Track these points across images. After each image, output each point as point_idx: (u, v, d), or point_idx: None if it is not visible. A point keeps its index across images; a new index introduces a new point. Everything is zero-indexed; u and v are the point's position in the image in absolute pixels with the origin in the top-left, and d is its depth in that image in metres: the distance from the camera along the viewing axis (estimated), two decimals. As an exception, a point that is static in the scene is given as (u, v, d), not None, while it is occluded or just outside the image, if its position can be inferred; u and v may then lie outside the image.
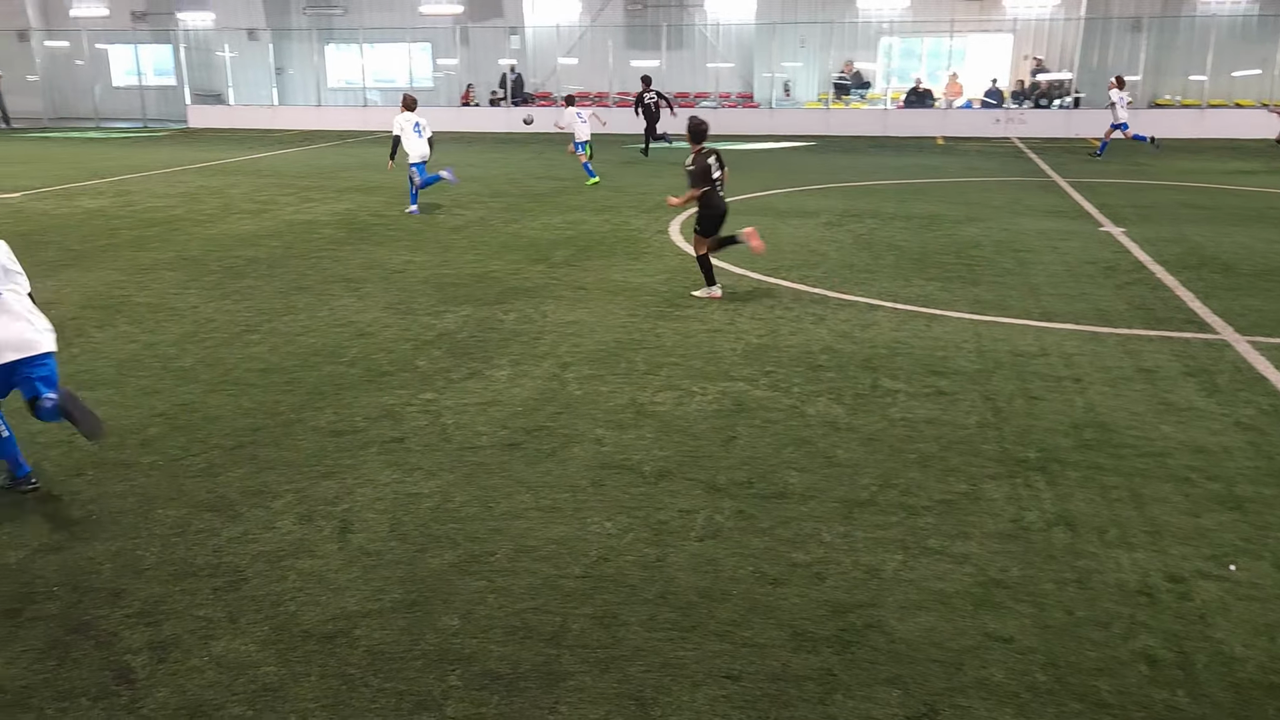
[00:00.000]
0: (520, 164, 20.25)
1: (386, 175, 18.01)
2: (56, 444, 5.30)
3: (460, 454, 5.16)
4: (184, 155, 22.32)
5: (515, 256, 10.44)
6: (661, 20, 30.86)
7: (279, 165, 20.17)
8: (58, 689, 3.23)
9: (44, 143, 26.02)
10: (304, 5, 34.42)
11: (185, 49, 33.47)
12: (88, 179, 17.68)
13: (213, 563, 4.05)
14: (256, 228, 12.35)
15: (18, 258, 4.84)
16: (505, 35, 32.21)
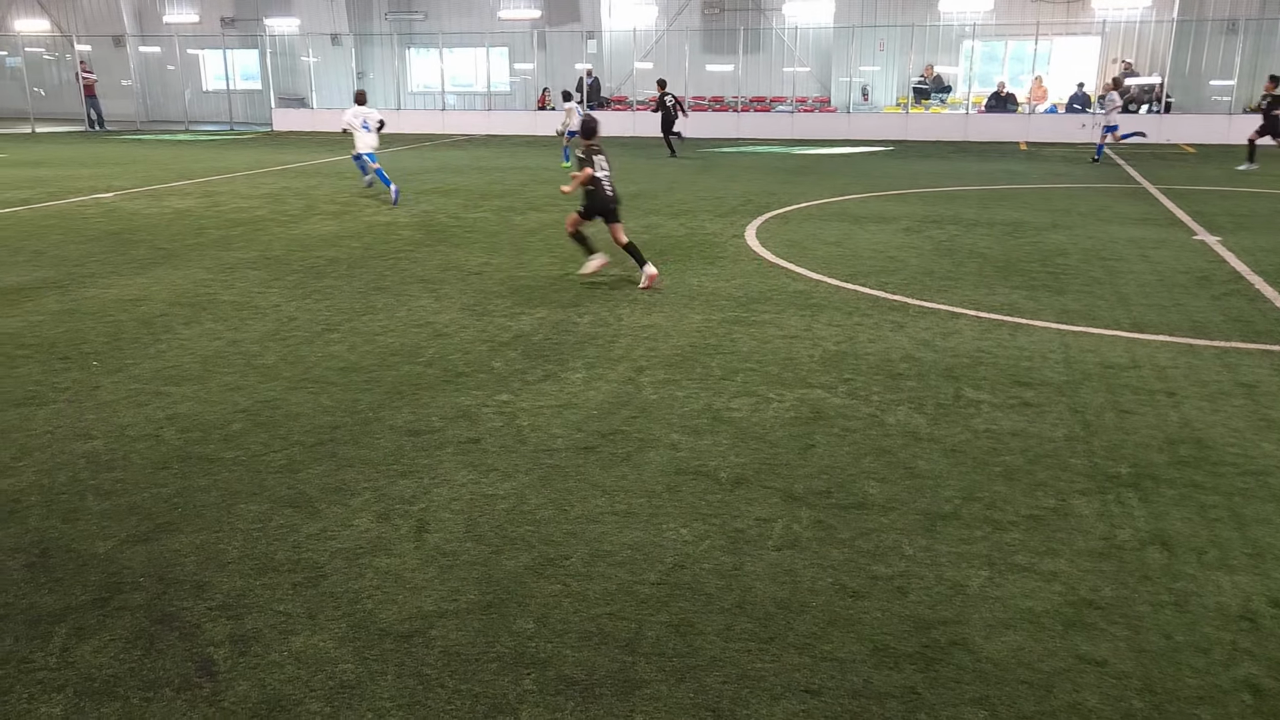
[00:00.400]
0: (595, 167, 20.31)
1: (465, 177, 18.23)
2: (144, 437, 5.43)
3: (536, 456, 5.16)
4: (268, 157, 22.90)
5: (590, 259, 10.44)
6: (738, 24, 30.74)
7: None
8: (143, 678, 3.28)
9: (136, 145, 26.91)
10: (386, 10, 35.08)
11: (271, 54, 34.33)
12: (176, 180, 18.23)
13: (293, 558, 4.09)
14: (337, 228, 12.58)
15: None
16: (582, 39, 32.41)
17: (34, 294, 8.90)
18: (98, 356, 6.98)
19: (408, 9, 35.09)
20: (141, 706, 3.14)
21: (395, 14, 35.05)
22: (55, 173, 19.32)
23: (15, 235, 12.03)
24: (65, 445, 5.32)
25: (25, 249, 11.04)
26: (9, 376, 6.50)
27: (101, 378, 6.50)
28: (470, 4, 34.16)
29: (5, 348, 7.18)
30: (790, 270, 9.92)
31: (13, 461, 5.10)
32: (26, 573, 3.97)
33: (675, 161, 21.68)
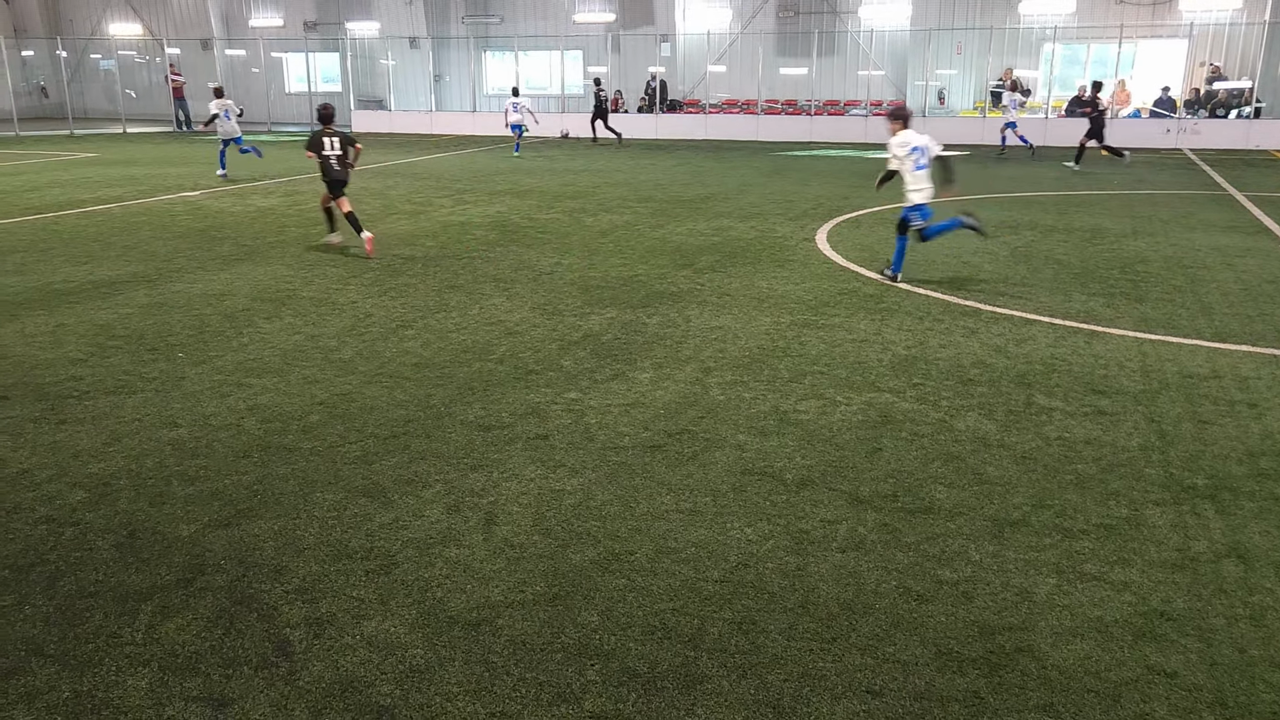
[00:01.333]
0: (667, 170, 20.40)
1: (538, 179, 18.44)
2: (226, 426, 5.62)
3: (603, 453, 5.22)
4: (348, 158, 23.40)
5: (661, 261, 10.51)
6: (813, 27, 30.55)
7: (435, 168, 20.92)
8: (223, 656, 3.42)
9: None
10: (463, 14, 35.62)
11: (351, 57, 35.11)
12: (260, 179, 18.76)
13: (366, 546, 4.21)
14: (413, 228, 12.84)
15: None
16: (655, 42, 32.52)
17: (125, 287, 9.26)
18: (184, 348, 7.24)
19: (484, 12, 35.60)
20: (221, 683, 3.27)
21: (472, 17, 35.58)
22: (145, 171, 20.03)
23: (108, 231, 12.51)
24: (153, 433, 5.54)
25: (117, 244, 11.49)
26: (101, 366, 6.79)
27: (187, 369, 6.74)
28: (546, 7, 34.52)
29: (98, 338, 7.49)
30: (861, 274, 9.85)
31: (104, 447, 5.33)
32: (116, 553, 4.16)
33: (745, 164, 21.65)
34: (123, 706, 3.14)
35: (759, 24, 32.20)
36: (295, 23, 37.51)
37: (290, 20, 37.67)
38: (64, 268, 10.18)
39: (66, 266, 10.24)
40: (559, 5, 34.36)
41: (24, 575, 3.96)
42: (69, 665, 3.36)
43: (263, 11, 38.30)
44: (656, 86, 30.84)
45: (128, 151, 25.17)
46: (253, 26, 38.29)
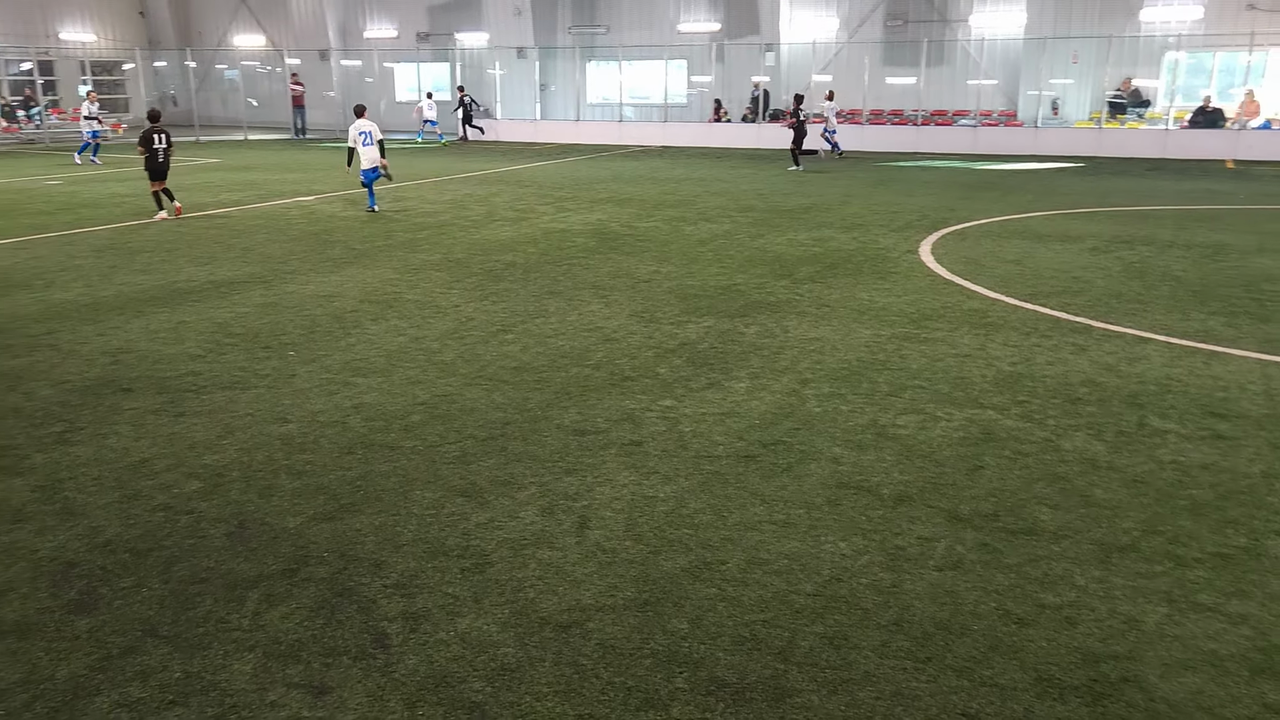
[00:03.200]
0: (769, 180, 20.29)
1: (638, 187, 18.56)
2: (332, 424, 5.80)
3: (697, 462, 5.21)
4: (453, 165, 23.97)
5: (760, 271, 10.45)
6: (921, 36, 30.01)
7: (538, 176, 21.24)
8: (324, 645, 3.52)
9: (335, 152, 28.65)
10: (569, 25, 36.11)
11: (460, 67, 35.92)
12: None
13: (462, 545, 4.29)
14: (515, 234, 13.05)
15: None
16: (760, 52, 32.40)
17: (242, 288, 9.65)
18: (294, 347, 7.50)
19: (590, 23, 36.03)
20: (322, 671, 3.37)
21: (578, 27, 36.04)
22: (264, 177, 20.84)
23: (228, 234, 13.06)
24: (264, 427, 5.76)
25: (236, 246, 11.98)
26: (218, 362, 7.08)
27: (297, 366, 6.98)
28: (651, 17, 34.75)
29: (216, 336, 7.82)
30: (965, 288, 9.62)
31: (218, 440, 5.55)
32: (226, 541, 4.33)
33: (849, 174, 21.39)
34: (229, 689, 3.26)
35: (865, 33, 31.80)
36: (408, 34, 38.57)
37: (404, 31, 38.76)
38: (186, 268, 10.65)
39: (189, 267, 10.71)
40: (664, 15, 34.54)
41: (142, 559, 4.15)
42: (180, 646, 3.51)
43: (377, 23, 39.51)
44: (760, 96, 30.71)
45: (248, 158, 26.24)
46: (367, 38, 39.53)
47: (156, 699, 3.21)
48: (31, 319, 8.37)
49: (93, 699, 3.21)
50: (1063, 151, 26.31)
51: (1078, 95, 29.96)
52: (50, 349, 7.44)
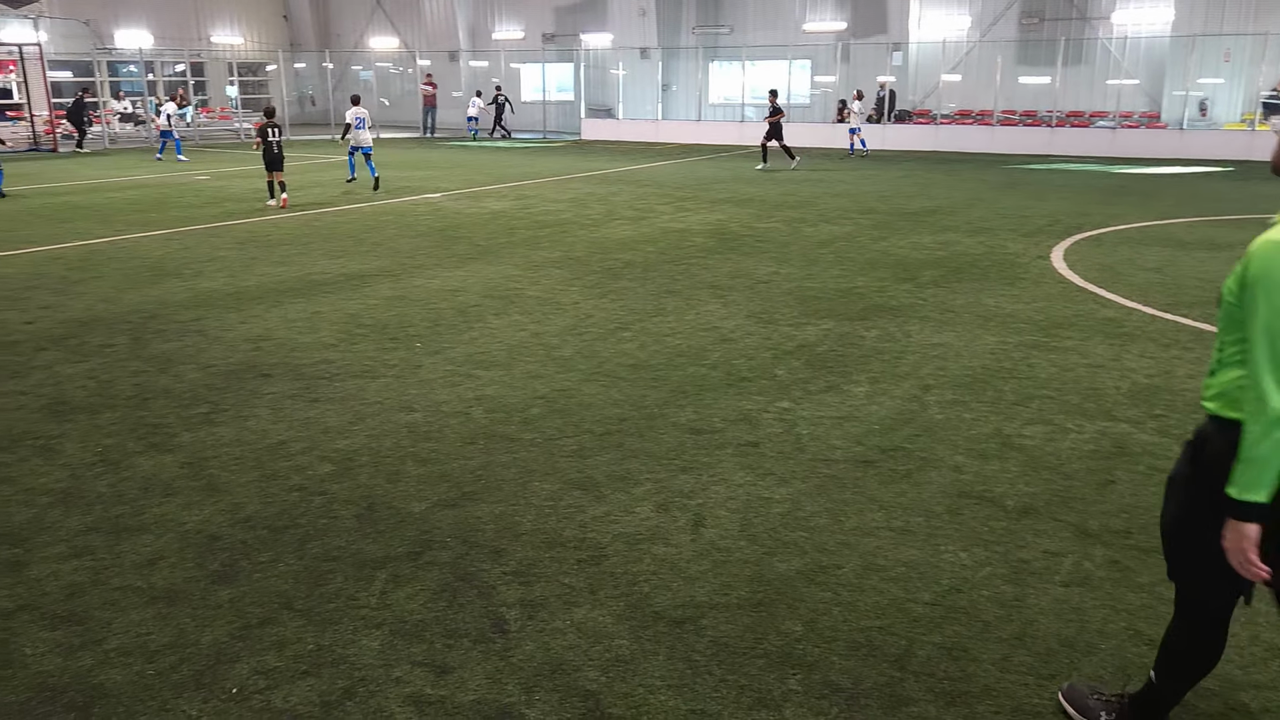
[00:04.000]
0: (892, 181, 19.92)
1: (758, 188, 18.48)
2: (456, 414, 5.98)
3: (813, 465, 5.17)
4: (575, 164, 24.30)
5: (881, 274, 10.28)
6: (1058, 34, 28.97)
7: (659, 176, 21.36)
8: (446, 627, 3.64)
9: (461, 151, 29.44)
10: (694, 25, 36.16)
11: (584, 67, 36.39)
12: (493, 183, 19.78)
13: (578, 537, 4.37)
14: (634, 233, 13.16)
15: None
16: (887, 52, 31.82)
17: (372, 281, 10.01)
18: (420, 339, 7.75)
19: (714, 23, 36.02)
20: (444, 651, 3.48)
21: (702, 27, 36.07)
22: (393, 174, 21.54)
23: (359, 229, 13.57)
24: (391, 415, 5.97)
25: (367, 241, 12.44)
26: (350, 351, 7.37)
27: (423, 358, 7.21)
28: (776, 17, 34.52)
29: (348, 326, 8.14)
30: (1100, 295, 9.26)
31: (349, 425, 5.79)
32: (356, 523, 4.51)
33: (976, 177, 20.82)
34: (357, 663, 3.41)
35: (999, 31, 30.88)
36: (535, 35, 39.29)
37: (530, 33, 39.50)
38: (321, 261, 11.12)
39: (323, 260, 11.18)
40: (789, 15, 34.27)
41: (279, 536, 4.37)
42: (313, 620, 3.68)
43: (505, 25, 40.37)
44: (886, 96, 30.16)
45: (379, 156, 27.12)
46: (495, 39, 40.43)
47: (291, 669, 3.37)
48: (181, 306, 8.88)
49: (233, 665, 3.40)
50: (1210, 155, 25.00)
51: (1229, 95, 28.44)
52: (198, 334, 7.88)
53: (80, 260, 11.19)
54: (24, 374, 6.83)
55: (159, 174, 21.54)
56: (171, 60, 37.64)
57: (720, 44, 35.98)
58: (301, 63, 43.21)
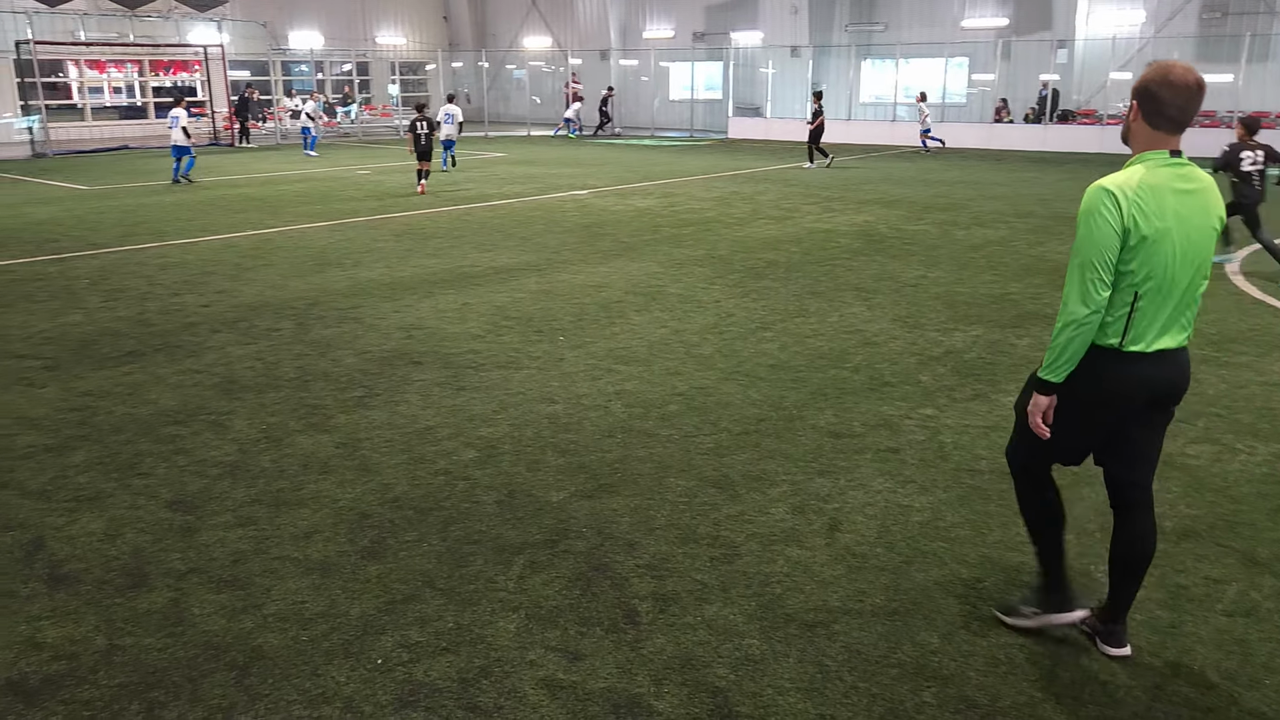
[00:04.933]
0: (1053, 184, 19.10)
1: (908, 189, 18.03)
2: (595, 407, 6.07)
3: (956, 474, 5.03)
4: (721, 163, 24.27)
5: (1037, 280, 9.88)
6: (1244, 29, 27.14)
7: (805, 175, 21.11)
8: (580, 615, 3.72)
9: (609, 148, 29.82)
10: (846, 23, 35.57)
11: (734, 65, 36.29)
12: (640, 181, 19.96)
13: (711, 534, 4.38)
14: (779, 233, 13.06)
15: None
16: (1050, 49, 30.50)
17: (519, 274, 10.27)
18: (563, 332, 7.91)
19: (868, 20, 35.33)
20: (577, 639, 3.56)
21: (856, 25, 35.43)
22: (543, 171, 22.02)
23: (508, 223, 13.94)
24: (533, 406, 6.12)
25: (515, 235, 12.76)
26: (496, 342, 7.59)
27: (565, 351, 7.36)
28: (933, 14, 33.57)
29: (495, 318, 8.38)
30: (1279, 309, 8.65)
31: (493, 414, 5.96)
32: (496, 508, 4.65)
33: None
34: (494, 644, 3.52)
35: (1176, 26, 29.15)
36: (685, 33, 39.42)
37: (681, 31, 39.65)
38: (471, 254, 11.47)
39: (473, 253, 11.53)
40: (947, 11, 33.27)
41: (424, 517, 4.54)
42: (454, 600, 3.81)
43: (656, 23, 40.66)
44: (1048, 95, 28.92)
45: (530, 152, 27.81)
46: (646, 38, 40.78)
47: (432, 644, 3.51)
48: (341, 294, 9.33)
49: (379, 637, 3.56)
50: None
51: None
52: (355, 321, 8.26)
53: (252, 249, 11.90)
54: (200, 353, 7.31)
55: (324, 168, 22.65)
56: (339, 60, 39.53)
57: (874, 41, 35.25)
58: (459, 62, 44.63)
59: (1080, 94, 31.02)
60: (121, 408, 6.10)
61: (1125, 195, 3.06)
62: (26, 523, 4.51)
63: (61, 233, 13.12)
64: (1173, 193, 3.10)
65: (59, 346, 7.51)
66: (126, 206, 15.76)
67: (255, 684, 3.30)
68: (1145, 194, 3.06)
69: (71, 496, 4.79)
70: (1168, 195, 3.09)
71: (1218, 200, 3.21)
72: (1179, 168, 3.13)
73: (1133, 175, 3.11)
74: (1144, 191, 3.06)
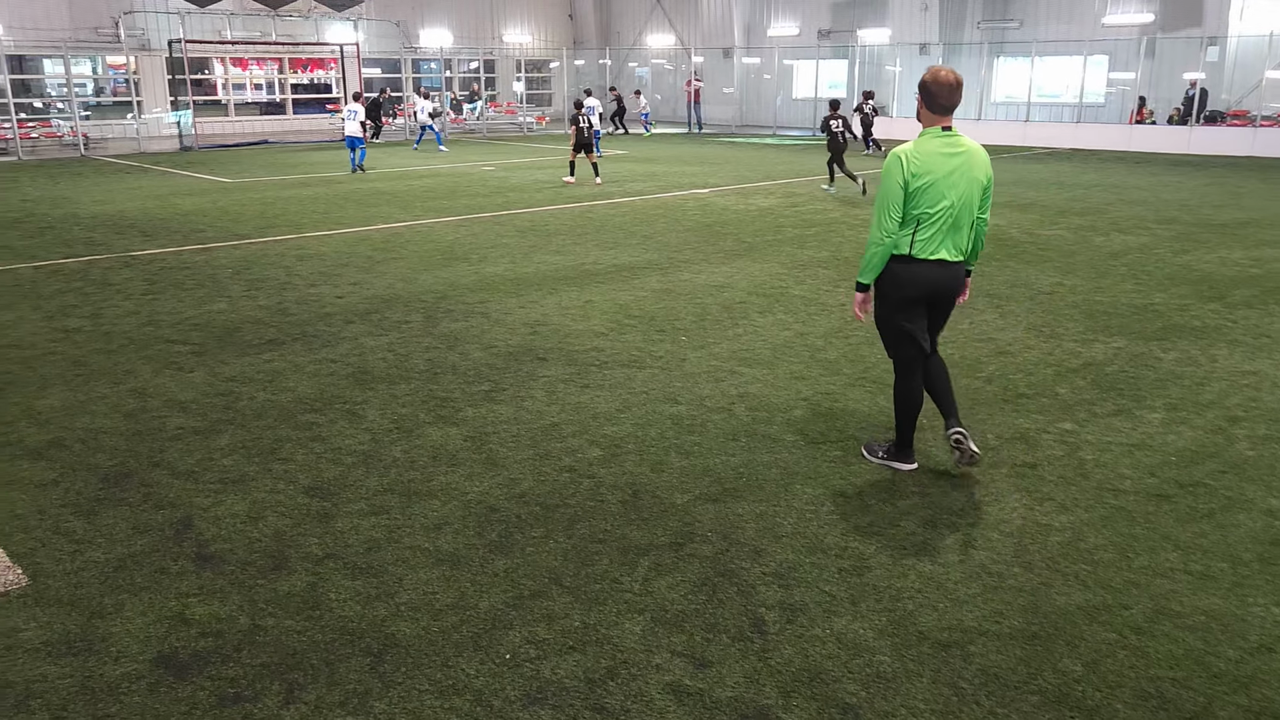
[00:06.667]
0: (1197, 189, 18.14)
1: (1041, 192, 17.39)
2: (719, 409, 6.03)
3: (1099, 494, 4.80)
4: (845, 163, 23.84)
5: (1182, 291, 9.39)
6: None
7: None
8: (705, 620, 3.68)
9: (730, 147, 29.67)
10: (979, 20, 34.54)
11: (859, 64, 35.65)
12: (761, 180, 19.79)
13: (840, 544, 4.29)
14: (906, 236, 12.73)
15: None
16: (1200, 46, 28.97)
17: (641, 273, 10.30)
18: (686, 333, 7.88)
19: (1002, 17, 34.21)
20: (702, 644, 3.52)
21: (989, 22, 34.37)
22: (664, 169, 22.06)
23: (630, 221, 14.00)
24: (656, 406, 6.11)
25: (637, 234, 12.80)
26: (619, 340, 7.62)
27: (688, 351, 7.33)
28: (1072, 10, 32.29)
29: (618, 316, 8.41)
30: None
31: (617, 413, 5.98)
32: (621, 508, 4.65)
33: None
34: (620, 645, 3.51)
35: (1338, 23, 27.31)
36: (810, 31, 38.93)
37: (806, 29, 39.17)
38: (594, 251, 11.56)
39: (596, 250, 11.62)
40: (1087, 7, 31.94)
41: (550, 514, 4.58)
42: (580, 598, 3.83)
43: (781, 20, 40.27)
44: (1195, 95, 27.48)
45: (651, 150, 27.89)
46: (770, 36, 40.43)
47: (558, 642, 3.53)
48: (468, 288, 9.52)
49: (506, 631, 3.60)
50: None
51: None
52: (482, 316, 8.42)
53: (384, 242, 12.26)
54: (334, 343, 7.56)
55: (450, 164, 23.18)
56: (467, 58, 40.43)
57: (1007, 39, 34.12)
58: (581, 60, 45.11)
59: (1230, 94, 29.38)
60: (263, 394, 6.35)
61: (908, 158, 4.59)
62: (176, 502, 4.73)
63: (207, 223, 13.78)
64: (942, 156, 4.61)
65: (205, 333, 7.87)
66: (266, 199, 16.45)
67: (389, 671, 3.37)
68: (921, 157, 4.59)
69: (217, 478, 5.01)
70: (938, 158, 4.60)
71: (983, 161, 4.73)
72: (948, 138, 4.65)
73: (916, 144, 4.65)
74: (920, 155, 4.60)
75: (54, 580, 3.99)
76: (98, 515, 4.58)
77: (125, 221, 13.95)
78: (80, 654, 3.47)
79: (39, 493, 4.83)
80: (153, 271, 10.39)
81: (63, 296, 9.18)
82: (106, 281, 9.86)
